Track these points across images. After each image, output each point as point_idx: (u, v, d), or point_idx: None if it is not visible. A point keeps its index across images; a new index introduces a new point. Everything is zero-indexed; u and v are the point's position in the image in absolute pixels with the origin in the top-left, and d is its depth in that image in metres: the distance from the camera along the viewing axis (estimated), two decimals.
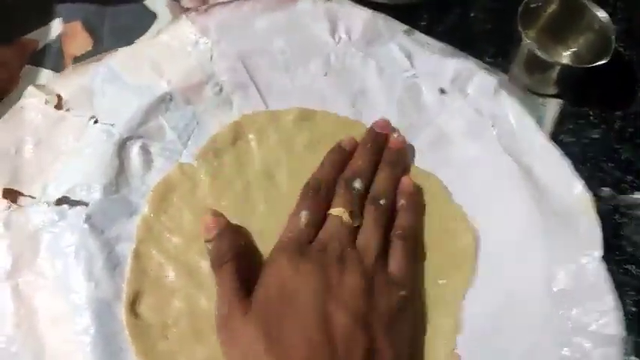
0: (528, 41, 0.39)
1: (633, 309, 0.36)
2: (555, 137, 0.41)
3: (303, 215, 0.34)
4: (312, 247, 0.33)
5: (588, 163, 0.40)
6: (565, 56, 0.43)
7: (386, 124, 0.38)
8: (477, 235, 0.36)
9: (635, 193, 0.40)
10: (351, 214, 0.34)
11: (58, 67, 0.39)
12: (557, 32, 0.43)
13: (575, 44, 0.43)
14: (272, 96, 0.39)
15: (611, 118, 0.42)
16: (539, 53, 0.39)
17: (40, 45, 0.40)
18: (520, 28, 0.40)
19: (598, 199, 0.39)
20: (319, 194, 0.35)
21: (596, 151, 0.41)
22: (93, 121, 0.37)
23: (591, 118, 0.42)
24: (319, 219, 0.34)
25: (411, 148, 0.39)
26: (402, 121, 0.39)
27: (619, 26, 0.42)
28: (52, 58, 0.40)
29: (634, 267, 0.37)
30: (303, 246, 0.33)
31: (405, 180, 0.37)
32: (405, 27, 0.43)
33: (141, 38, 0.41)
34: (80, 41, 0.40)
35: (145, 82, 0.38)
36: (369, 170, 0.37)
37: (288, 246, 0.33)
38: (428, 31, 0.43)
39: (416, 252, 0.36)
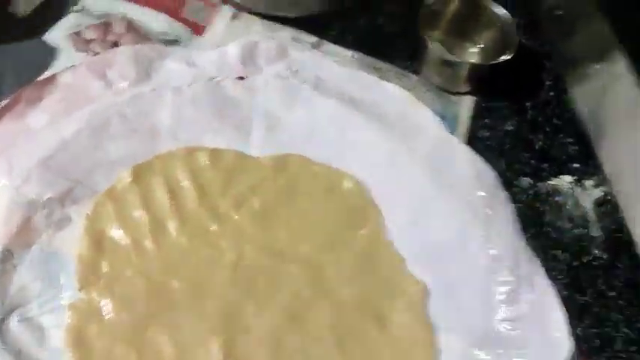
0: (433, 44, 0.40)
1: (565, 292, 0.37)
2: (473, 133, 0.41)
3: None
4: None
5: (506, 155, 0.41)
6: (473, 53, 0.44)
7: None
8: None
9: (552, 179, 0.41)
10: None
11: None
12: (462, 30, 0.44)
13: (481, 40, 0.44)
14: (100, 179, 0.36)
15: (522, 108, 0.43)
16: (445, 55, 0.39)
17: None
18: (421, 33, 0.40)
19: (519, 189, 0.40)
20: None
21: (512, 143, 0.42)
22: None
23: (505, 111, 0.43)
24: None
25: None
26: None
27: (522, 20, 0.44)
28: None
29: (560, 252, 0.38)
30: None
31: None
32: (314, 39, 0.43)
33: None
34: None
35: None
36: None
37: None
38: (338, 41, 0.43)
39: None
